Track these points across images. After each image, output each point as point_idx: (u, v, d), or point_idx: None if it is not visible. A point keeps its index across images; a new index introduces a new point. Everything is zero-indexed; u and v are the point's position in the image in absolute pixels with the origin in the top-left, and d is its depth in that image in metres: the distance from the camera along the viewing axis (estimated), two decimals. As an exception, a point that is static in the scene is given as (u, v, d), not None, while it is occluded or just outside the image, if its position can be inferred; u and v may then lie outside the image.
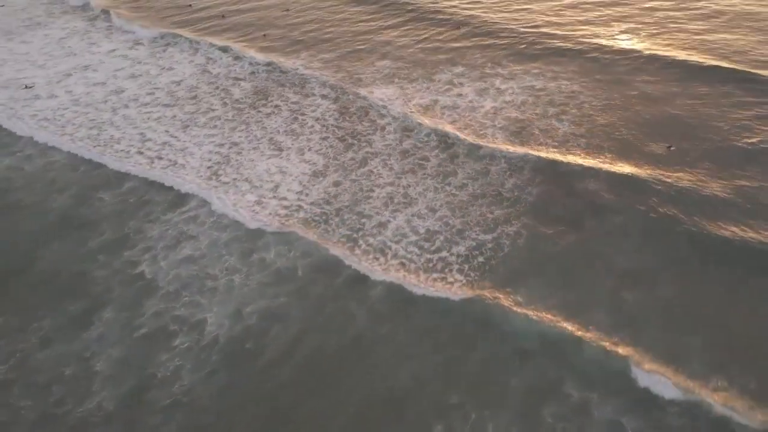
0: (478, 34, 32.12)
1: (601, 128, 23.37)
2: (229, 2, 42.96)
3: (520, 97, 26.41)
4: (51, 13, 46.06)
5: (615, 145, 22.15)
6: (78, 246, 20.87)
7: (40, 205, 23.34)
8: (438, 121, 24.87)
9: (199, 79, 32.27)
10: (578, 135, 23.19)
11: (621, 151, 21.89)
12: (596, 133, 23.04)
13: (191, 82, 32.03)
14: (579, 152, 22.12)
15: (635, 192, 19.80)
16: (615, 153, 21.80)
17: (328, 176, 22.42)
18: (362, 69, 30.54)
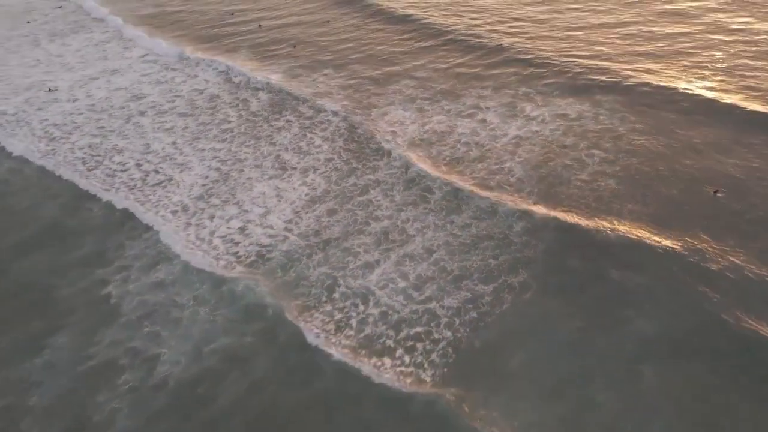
0: (518, 60, 29.47)
1: (634, 171, 20.47)
2: (270, 15, 41.72)
3: (550, 125, 23.76)
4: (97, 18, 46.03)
5: (647, 193, 19.21)
6: (55, 259, 19.55)
7: (28, 212, 22.27)
8: (448, 152, 22.51)
9: (221, 88, 30.96)
10: (608, 175, 20.37)
11: (653, 200, 18.97)
12: (628, 177, 20.14)
13: (213, 91, 30.75)
14: (606, 196, 19.32)
15: (666, 255, 16.81)
16: (645, 203, 18.86)
17: (324, 203, 20.36)
18: (384, 88, 28.50)
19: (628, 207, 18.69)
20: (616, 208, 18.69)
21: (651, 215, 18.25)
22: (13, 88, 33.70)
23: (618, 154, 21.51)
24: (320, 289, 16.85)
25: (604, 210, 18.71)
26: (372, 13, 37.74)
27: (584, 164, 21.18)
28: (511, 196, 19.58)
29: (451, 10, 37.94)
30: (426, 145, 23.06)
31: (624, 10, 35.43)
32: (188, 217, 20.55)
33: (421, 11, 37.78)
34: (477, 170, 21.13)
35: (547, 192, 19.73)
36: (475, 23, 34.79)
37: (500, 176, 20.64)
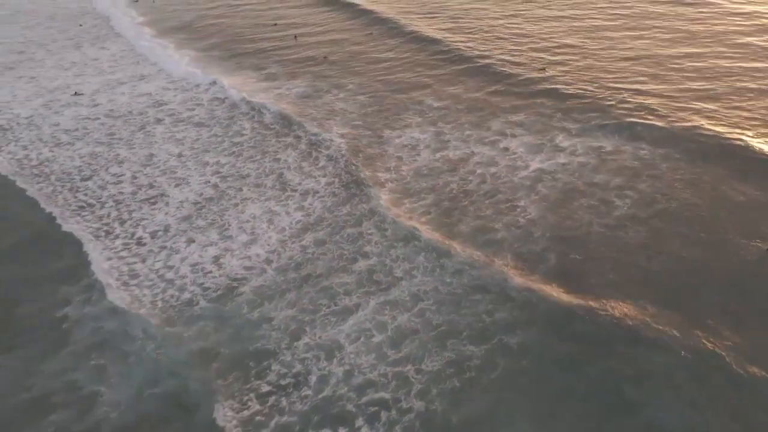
0: (558, 89, 26.68)
1: (670, 221, 17.57)
2: (310, 30, 40.32)
3: (580, 158, 21.04)
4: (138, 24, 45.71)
5: (681, 252, 16.28)
6: (31, 271, 18.22)
7: (23, 217, 21.11)
8: (456, 184, 20.10)
9: (243, 98, 29.53)
10: (638, 221, 17.56)
11: (687, 260, 16.05)
12: (661, 228, 17.26)
13: (235, 100, 29.30)
14: (630, 248, 16.54)
15: (693, 333, 13.93)
16: (677, 263, 15.96)
17: (315, 232, 18.31)
18: (406, 109, 26.35)
19: (655, 264, 15.83)
20: (641, 265, 15.87)
21: (682, 279, 15.36)
22: (38, 90, 33.26)
23: (654, 198, 18.62)
24: (282, 334, 14.74)
25: (626, 264, 15.92)
26: (410, 38, 35.13)
27: (612, 207, 18.41)
28: (514, 245, 17.01)
29: (491, 35, 35.41)
30: (434, 175, 20.72)
31: (691, 42, 31.16)
32: (165, 239, 18.86)
33: (459, 36, 35.41)
34: (482, 207, 18.64)
35: (560, 238, 17.07)
36: (516, 49, 32.09)
37: (509, 217, 18.07)
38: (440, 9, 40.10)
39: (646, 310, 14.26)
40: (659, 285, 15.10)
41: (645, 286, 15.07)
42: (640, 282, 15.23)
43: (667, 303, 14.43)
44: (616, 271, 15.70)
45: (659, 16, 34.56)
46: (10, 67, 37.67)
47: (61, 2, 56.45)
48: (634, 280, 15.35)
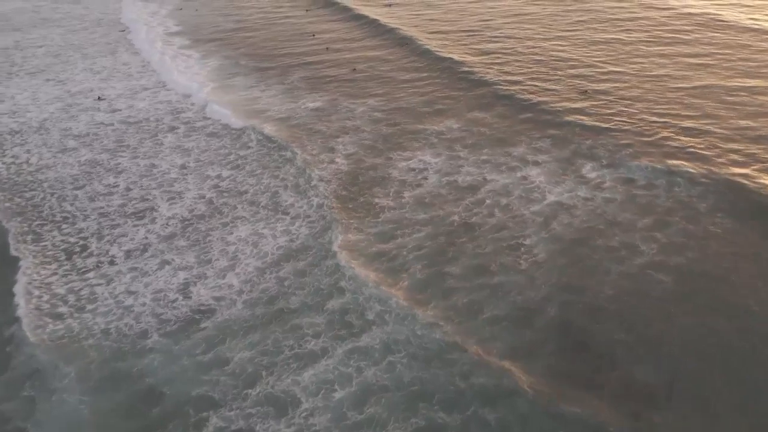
0: (596, 110, 24.33)
1: (699, 277, 15.05)
2: (345, 44, 38.88)
3: (607, 192, 18.65)
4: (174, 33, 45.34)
5: (706, 319, 13.78)
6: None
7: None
8: (460, 216, 18.02)
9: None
10: (666, 270, 15.11)
11: (724, 325, 13.53)
12: (695, 280, 14.77)
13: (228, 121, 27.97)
14: (653, 301, 14.13)
15: None
16: (711, 328, 13.47)
17: (297, 260, 16.58)
18: (423, 127, 24.45)
19: (674, 333, 13.38)
20: (657, 330, 13.45)
21: (701, 357, 12.87)
22: (61, 94, 32.81)
23: (686, 246, 16.09)
24: (235, 379, 12.98)
25: (640, 328, 13.53)
26: (442, 59, 32.35)
27: (635, 252, 15.99)
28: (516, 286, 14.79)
29: (528, 58, 32.92)
30: (437, 204, 18.68)
31: (754, 75, 27.03)
32: (139, 260, 17.46)
33: (493, 57, 33.10)
34: (483, 244, 16.49)
35: (566, 286, 14.78)
36: (554, 73, 29.49)
37: (511, 257, 15.86)
38: (480, 29, 37.86)
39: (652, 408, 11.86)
40: (673, 363, 12.65)
41: (656, 364, 12.62)
42: (652, 354, 12.81)
43: (679, 400, 11.95)
44: (627, 333, 13.31)
45: (720, 45, 31.22)
46: (42, 70, 37.56)
47: (111, 8, 56.83)
48: (645, 349, 12.93)
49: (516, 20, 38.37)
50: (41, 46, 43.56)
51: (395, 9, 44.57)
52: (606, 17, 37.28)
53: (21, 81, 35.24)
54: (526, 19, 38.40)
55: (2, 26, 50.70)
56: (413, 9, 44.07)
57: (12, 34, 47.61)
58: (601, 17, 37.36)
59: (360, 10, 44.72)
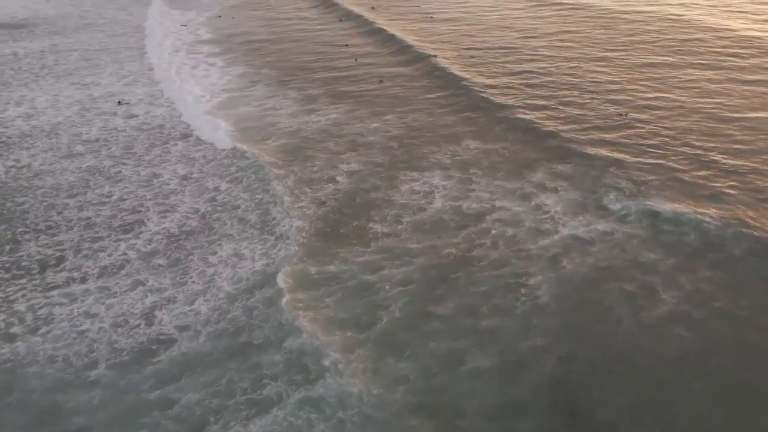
0: (630, 136, 22.18)
1: (728, 334, 12.87)
2: (377, 57, 37.54)
3: (629, 227, 16.57)
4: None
5: (732, 397, 11.60)
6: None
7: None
8: (458, 247, 16.20)
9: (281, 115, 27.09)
10: (686, 325, 12.99)
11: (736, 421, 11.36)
12: (715, 347, 12.63)
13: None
14: (671, 361, 12.06)
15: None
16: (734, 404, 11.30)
17: (270, 287, 15.05)
18: (438, 148, 22.76)
19: (694, 405, 11.27)
20: (672, 401, 11.36)
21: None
22: (82, 98, 32.43)
23: (715, 295, 13.91)
24: (175, 425, 11.51)
25: (657, 385, 11.48)
26: (471, 87, 30.36)
27: (655, 299, 13.90)
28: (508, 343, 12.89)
29: (564, 81, 30.98)
30: (437, 232, 16.92)
31: None
32: (111, 279, 16.28)
33: (523, 79, 31.26)
34: (480, 281, 14.64)
35: (568, 335, 12.82)
36: (591, 97, 27.24)
37: (509, 298, 13.97)
38: (517, 47, 35.79)
39: None
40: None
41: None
42: (661, 430, 10.75)
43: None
44: (633, 400, 11.28)
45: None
46: (70, 73, 37.49)
47: (152, 15, 57.02)
48: (653, 423, 10.88)
49: (555, 39, 36.21)
50: (76, 49, 43.76)
51: (433, 24, 43.00)
52: (654, 38, 34.62)
53: (46, 83, 35.13)
54: (567, 38, 36.17)
55: (46, 29, 51.49)
56: (452, 24, 42.43)
57: (51, 37, 48.15)
58: (649, 39, 34.72)
59: (394, 24, 43.41)
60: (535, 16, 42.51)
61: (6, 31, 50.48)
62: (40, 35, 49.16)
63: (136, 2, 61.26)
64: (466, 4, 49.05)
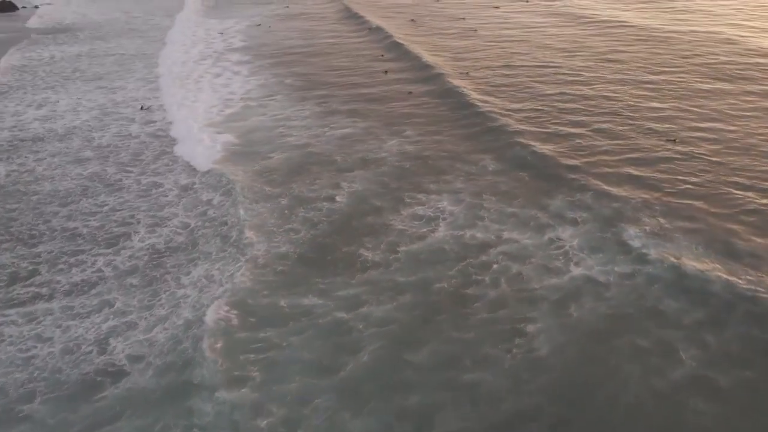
0: (666, 169, 19.97)
1: (758, 402, 10.72)
2: (412, 72, 36.08)
3: (651, 268, 14.50)
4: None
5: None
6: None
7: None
8: (452, 282, 14.41)
9: (301, 124, 25.79)
10: (705, 393, 10.92)
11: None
12: (744, 426, 10.47)
13: (285, 130, 25.63)
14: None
15: None
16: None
17: (223, 322, 13.61)
18: (454, 168, 21.05)
19: None
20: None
21: None
22: (104, 103, 32.00)
23: (750, 356, 11.78)
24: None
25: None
26: (503, 106, 28.48)
27: (673, 359, 11.87)
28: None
29: (604, 106, 28.86)
30: (432, 264, 15.20)
31: None
32: (78, 298, 15.16)
33: (561, 103, 29.09)
34: (470, 326, 12.83)
35: (567, 396, 10.90)
36: (632, 122, 25.00)
37: (500, 347, 12.13)
38: (555, 66, 33.65)
39: None
40: None
41: None
42: None
43: None
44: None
45: None
46: (100, 77, 37.32)
47: (196, 22, 56.97)
48: None
49: (599, 59, 33.62)
50: (113, 54, 43.80)
51: (472, 40, 41.26)
52: (708, 62, 31.74)
53: (73, 86, 34.98)
54: (612, 58, 33.57)
55: (89, 34, 52.03)
56: (493, 40, 40.48)
57: (92, 42, 48.52)
58: (703, 62, 31.79)
59: (431, 39, 41.93)
60: (580, 34, 40.20)
61: (51, 36, 51.18)
62: (82, 39, 49.63)
63: (195, 11, 61.12)
64: (511, 20, 47.05)
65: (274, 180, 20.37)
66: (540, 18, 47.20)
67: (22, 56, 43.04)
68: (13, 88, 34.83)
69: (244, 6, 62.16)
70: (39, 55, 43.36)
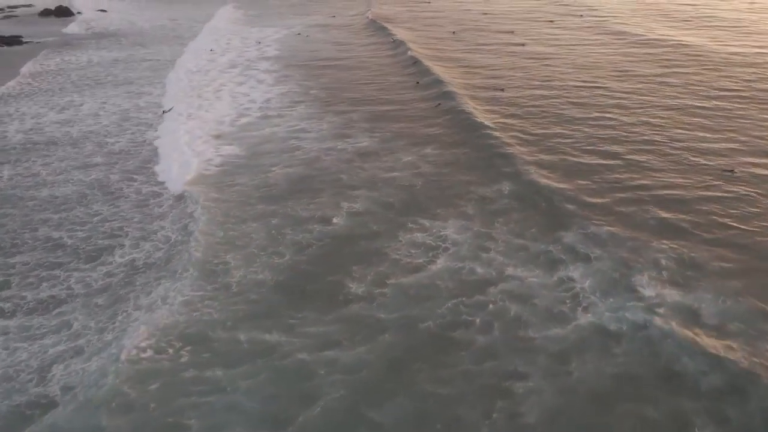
0: (718, 202, 17.83)
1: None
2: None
3: (661, 320, 12.46)
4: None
5: None
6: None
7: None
8: (437, 321, 12.70)
9: (319, 149, 24.53)
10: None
11: None
12: None
13: (303, 143, 24.35)
14: None
15: None
16: None
17: (176, 353, 12.26)
18: (468, 191, 19.37)
19: None
20: None
21: None
22: (128, 107, 31.52)
23: None
24: None
25: None
26: (533, 124, 27.10)
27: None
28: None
29: (638, 135, 26.54)
30: (422, 300, 13.52)
31: None
32: (37, 317, 14.15)
33: (600, 130, 26.90)
34: (452, 379, 11.09)
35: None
36: (684, 152, 22.74)
37: (478, 409, 10.36)
38: (598, 91, 31.49)
39: None
40: None
41: None
42: None
43: None
44: None
45: None
46: (130, 82, 37.08)
47: (237, 29, 56.70)
48: None
49: (651, 83, 30.89)
50: (149, 60, 43.71)
51: (517, 58, 39.38)
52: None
53: (102, 91, 34.75)
54: (665, 82, 30.84)
55: (132, 40, 52.38)
56: (538, 58, 38.48)
57: (133, 47, 48.73)
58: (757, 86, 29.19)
59: (472, 54, 40.29)
60: (632, 54, 37.54)
61: (95, 41, 51.71)
62: (124, 45, 49.90)
63: (236, 20, 61.05)
64: (562, 37, 44.67)
65: (270, 196, 19.04)
66: (592, 35, 44.58)
67: (61, 59, 43.42)
68: (42, 90, 34.85)
69: (287, 15, 61.80)
70: (77, 59, 43.64)
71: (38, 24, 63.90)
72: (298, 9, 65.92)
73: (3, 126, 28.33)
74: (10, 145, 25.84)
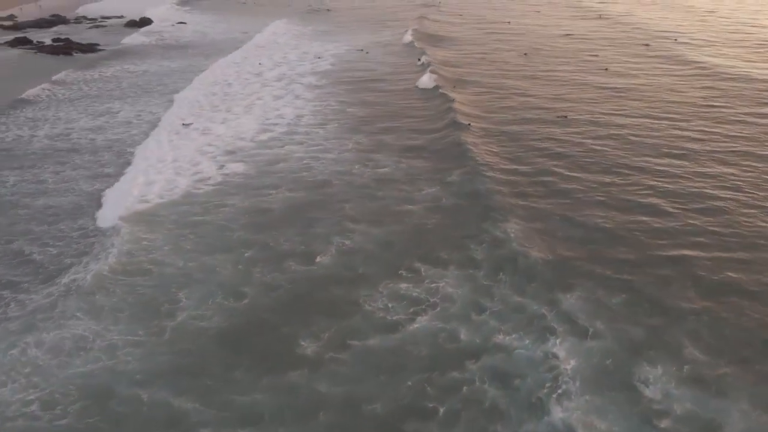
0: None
1: None
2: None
3: (667, 423, 9.49)
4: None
5: None
6: None
7: None
8: (402, 401, 10.23)
9: (335, 163, 22.68)
10: None
11: None
12: None
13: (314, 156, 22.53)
14: None
15: None
16: None
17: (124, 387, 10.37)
18: (480, 230, 16.76)
19: None
20: None
21: None
22: (153, 120, 30.34)
23: None
24: None
25: None
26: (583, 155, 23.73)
27: None
28: None
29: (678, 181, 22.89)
30: (390, 371, 11.11)
31: None
32: (14, 329, 12.72)
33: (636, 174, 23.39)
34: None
35: None
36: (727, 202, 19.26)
37: None
38: (643, 125, 27.88)
39: None
40: None
41: None
42: None
43: None
44: None
45: None
46: (175, 91, 36.33)
47: (313, 45, 55.80)
48: None
49: (700, 118, 27.30)
50: (202, 70, 43.12)
51: (579, 87, 36.16)
52: None
53: (144, 99, 34.30)
54: (713, 116, 27.14)
55: (197, 51, 52.24)
56: (621, 79, 35.14)
57: (194, 58, 48.44)
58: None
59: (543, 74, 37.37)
60: (715, 87, 33.30)
61: (162, 51, 51.96)
62: (189, 56, 49.82)
63: (302, 35, 60.37)
64: (654, 67, 40.58)
65: (254, 224, 17.11)
66: (680, 67, 40.00)
67: (121, 67, 43.64)
68: (87, 96, 34.75)
69: (357, 31, 60.47)
70: (136, 67, 43.80)
71: (121, 33, 65.46)
72: (375, 26, 64.39)
73: (34, 130, 28.03)
74: (31, 150, 25.34)
